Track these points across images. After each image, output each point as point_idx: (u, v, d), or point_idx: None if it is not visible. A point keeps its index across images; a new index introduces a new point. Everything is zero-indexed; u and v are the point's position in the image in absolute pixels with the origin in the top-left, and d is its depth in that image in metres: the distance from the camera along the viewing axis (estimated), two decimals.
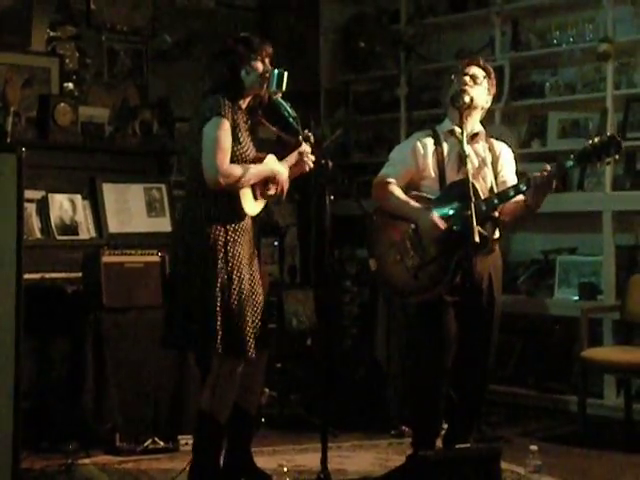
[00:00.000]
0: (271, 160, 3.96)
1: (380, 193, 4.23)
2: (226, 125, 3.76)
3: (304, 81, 6.61)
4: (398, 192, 4.18)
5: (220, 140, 3.75)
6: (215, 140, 3.75)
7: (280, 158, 4.04)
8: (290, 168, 4.04)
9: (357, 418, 5.29)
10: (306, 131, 3.97)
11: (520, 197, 4.03)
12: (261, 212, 3.99)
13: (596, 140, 3.91)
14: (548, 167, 3.93)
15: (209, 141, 3.76)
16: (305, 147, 4.00)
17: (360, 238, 4.40)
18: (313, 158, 4.00)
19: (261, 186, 3.93)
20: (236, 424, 3.97)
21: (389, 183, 4.20)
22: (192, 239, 3.83)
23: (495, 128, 5.71)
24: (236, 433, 4.02)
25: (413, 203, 4.13)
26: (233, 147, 3.80)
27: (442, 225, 4.02)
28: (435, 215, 4.03)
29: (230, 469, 4.04)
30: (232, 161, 3.80)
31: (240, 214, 3.84)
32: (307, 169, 4.04)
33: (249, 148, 3.89)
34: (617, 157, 3.97)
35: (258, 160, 3.92)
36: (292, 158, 4.04)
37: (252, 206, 3.91)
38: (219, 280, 3.76)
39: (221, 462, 3.99)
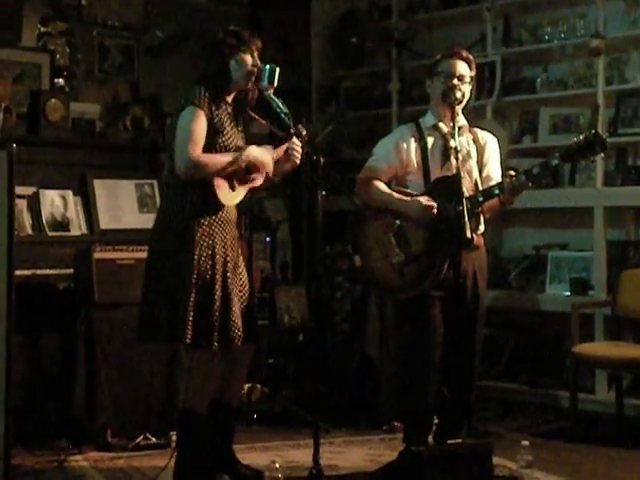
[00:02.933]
0: (254, 146, 3.90)
1: (365, 189, 4.24)
2: (200, 115, 3.72)
3: (295, 77, 6.61)
4: (383, 187, 4.19)
5: (192, 130, 3.70)
6: (186, 130, 3.71)
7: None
8: (280, 162, 4.01)
9: (349, 414, 5.29)
10: (299, 126, 3.95)
11: None
12: (242, 202, 3.94)
13: (581, 138, 3.91)
14: (512, 172, 3.97)
15: (180, 131, 3.73)
16: (294, 141, 3.97)
17: (350, 234, 4.39)
18: (300, 151, 3.96)
19: (241, 175, 3.88)
20: (217, 418, 3.96)
21: (373, 178, 4.21)
22: (166, 232, 3.80)
23: (486, 123, 5.71)
24: (217, 427, 4.01)
25: (398, 195, 4.14)
26: (215, 138, 3.77)
27: (434, 204, 4.02)
28: (423, 198, 4.04)
29: (212, 463, 4.03)
30: (210, 151, 3.76)
31: (215, 205, 3.80)
32: (297, 162, 4.00)
33: (233, 139, 3.85)
34: (602, 155, 3.98)
35: (241, 151, 3.88)
36: (280, 150, 4.02)
37: (229, 196, 3.85)
38: (191, 272, 3.73)
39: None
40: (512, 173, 3.97)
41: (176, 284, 3.75)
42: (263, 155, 3.91)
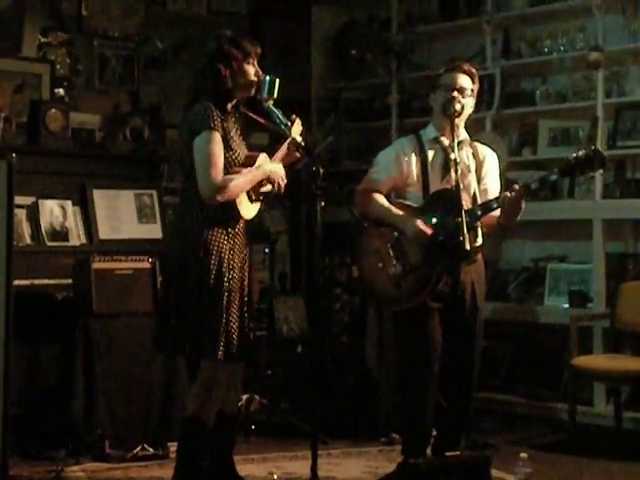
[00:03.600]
0: (263, 161, 3.92)
1: (363, 200, 4.25)
2: (217, 138, 3.72)
3: (295, 88, 6.62)
4: (381, 199, 4.19)
5: (212, 155, 3.70)
6: (207, 155, 3.70)
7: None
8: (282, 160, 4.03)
9: (347, 425, 5.28)
10: (293, 116, 3.96)
11: (495, 212, 4.05)
12: (256, 215, 3.97)
13: (580, 154, 3.90)
14: (516, 187, 3.96)
15: (201, 157, 3.72)
16: (295, 135, 3.95)
17: (348, 245, 4.40)
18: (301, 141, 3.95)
19: (256, 187, 3.90)
20: (219, 429, 3.96)
21: (372, 190, 4.21)
22: (188, 245, 3.78)
23: (485, 136, 5.73)
24: (219, 440, 4.00)
25: (396, 210, 4.14)
26: (228, 154, 3.78)
27: (428, 231, 4.03)
28: (419, 221, 4.04)
29: (212, 476, 4.02)
30: (225, 168, 3.76)
31: (237, 219, 3.83)
32: (298, 156, 3.99)
33: (240, 151, 3.86)
34: (601, 172, 3.98)
35: (249, 159, 3.88)
36: (281, 152, 4.01)
37: (248, 209, 3.88)
38: (217, 285, 3.73)
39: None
40: (516, 187, 3.96)
41: (203, 298, 3.74)
42: (275, 166, 3.93)
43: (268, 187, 3.94)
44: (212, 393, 3.81)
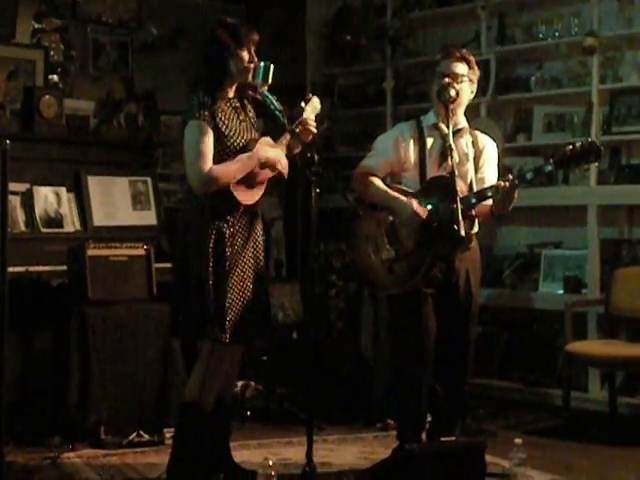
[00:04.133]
0: (261, 145, 3.89)
1: (360, 183, 4.26)
2: (202, 127, 3.72)
3: (290, 74, 6.60)
4: (378, 182, 4.21)
5: (198, 145, 3.72)
6: (193, 146, 3.73)
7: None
8: (290, 147, 3.99)
9: (343, 411, 5.29)
10: (309, 95, 3.96)
11: (488, 200, 4.05)
12: (261, 199, 3.94)
13: (577, 145, 3.88)
14: (510, 177, 3.96)
15: (187, 147, 3.75)
16: (307, 114, 3.93)
17: (343, 231, 4.41)
18: (311, 123, 3.93)
19: (254, 173, 3.86)
20: (216, 416, 3.96)
21: (369, 173, 4.23)
22: (190, 233, 3.82)
23: (481, 121, 5.73)
24: (216, 426, 4.01)
25: (393, 192, 4.15)
26: (223, 141, 3.77)
27: (423, 213, 4.03)
28: (415, 204, 4.05)
29: (208, 462, 4.03)
30: (221, 155, 3.76)
31: (235, 206, 3.81)
32: (311, 137, 3.94)
33: (240, 136, 3.83)
34: (596, 164, 3.97)
35: (252, 143, 3.86)
36: (285, 138, 3.98)
37: (247, 195, 3.85)
38: (217, 270, 3.75)
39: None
40: (510, 177, 3.96)
41: (205, 284, 3.75)
42: (272, 152, 3.89)
43: (267, 172, 3.92)
44: (212, 376, 3.82)
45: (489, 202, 4.07)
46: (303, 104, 3.97)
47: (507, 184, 3.94)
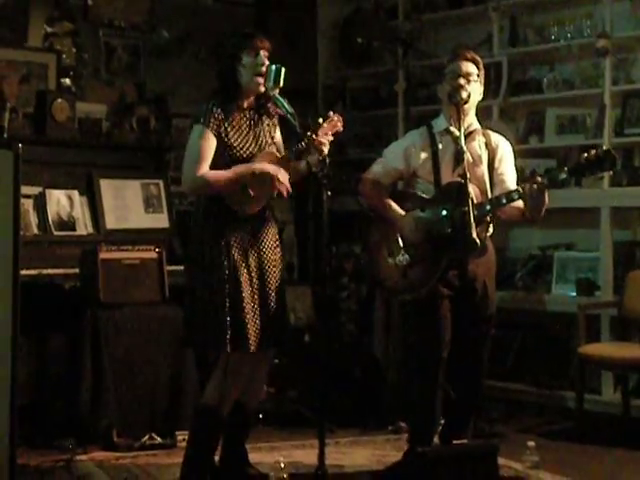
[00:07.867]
0: (261, 158, 3.87)
1: (365, 190, 4.27)
2: (205, 133, 3.76)
3: (301, 77, 6.61)
4: (382, 193, 4.20)
5: (196, 150, 3.76)
6: (192, 149, 3.78)
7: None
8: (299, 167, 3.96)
9: (354, 414, 5.29)
10: (330, 113, 3.91)
11: (518, 204, 4.01)
12: (263, 207, 3.94)
13: (591, 154, 3.83)
14: (539, 178, 3.88)
15: (187, 149, 3.81)
16: (323, 130, 3.86)
17: (357, 234, 4.40)
18: (330, 139, 3.87)
19: (254, 184, 3.83)
20: (234, 420, 3.97)
21: (375, 181, 4.22)
22: (193, 238, 3.87)
23: (492, 124, 5.70)
24: (233, 430, 4.02)
25: (394, 207, 4.14)
26: (226, 152, 3.80)
27: (415, 238, 4.03)
28: (412, 222, 4.04)
29: (225, 466, 4.04)
30: (222, 163, 3.78)
31: (233, 213, 3.82)
32: (317, 155, 3.86)
33: (245, 148, 3.85)
34: (610, 173, 3.92)
35: (260, 158, 3.85)
36: (288, 157, 3.96)
37: (244, 205, 3.85)
38: (220, 279, 3.77)
39: (216, 459, 4.00)
40: (538, 179, 3.87)
41: (208, 292, 3.78)
42: (270, 166, 3.83)
43: (264, 188, 3.85)
44: (230, 383, 3.82)
45: (518, 204, 4.02)
46: (321, 120, 3.89)
47: (535, 186, 3.87)
